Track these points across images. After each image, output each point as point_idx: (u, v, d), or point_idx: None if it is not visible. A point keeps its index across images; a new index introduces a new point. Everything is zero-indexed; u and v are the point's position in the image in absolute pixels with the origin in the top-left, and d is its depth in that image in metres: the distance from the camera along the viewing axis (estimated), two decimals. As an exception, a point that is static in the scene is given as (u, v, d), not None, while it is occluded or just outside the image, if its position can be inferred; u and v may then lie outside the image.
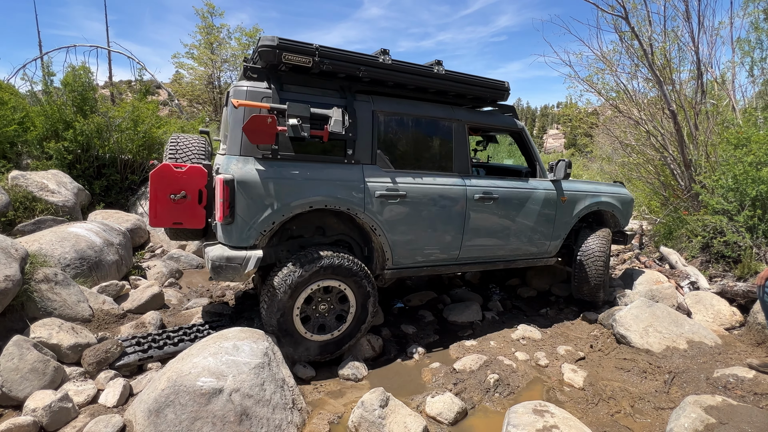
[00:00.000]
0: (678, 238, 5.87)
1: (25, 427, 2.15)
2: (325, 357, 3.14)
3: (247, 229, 2.84)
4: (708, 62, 6.30)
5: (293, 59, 2.88)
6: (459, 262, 3.76)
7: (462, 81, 3.55)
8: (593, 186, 4.55)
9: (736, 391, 2.82)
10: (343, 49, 3.06)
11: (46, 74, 7.59)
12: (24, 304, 3.02)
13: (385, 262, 3.38)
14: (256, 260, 2.82)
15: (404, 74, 3.28)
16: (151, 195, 2.91)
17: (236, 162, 2.82)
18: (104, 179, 6.75)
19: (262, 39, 2.86)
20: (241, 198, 2.78)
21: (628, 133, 7.95)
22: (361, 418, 2.42)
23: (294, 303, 2.96)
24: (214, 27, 16.10)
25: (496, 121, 4.00)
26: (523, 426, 2.24)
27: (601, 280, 4.29)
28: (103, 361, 2.75)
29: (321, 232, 3.34)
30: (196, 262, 5.52)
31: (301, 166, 2.97)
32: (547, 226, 4.09)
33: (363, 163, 3.20)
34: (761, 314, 3.55)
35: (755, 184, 4.52)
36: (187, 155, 3.10)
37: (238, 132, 2.86)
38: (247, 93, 2.89)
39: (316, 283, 3.00)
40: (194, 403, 2.20)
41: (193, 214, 2.98)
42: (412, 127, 3.50)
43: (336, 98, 3.17)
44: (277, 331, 2.95)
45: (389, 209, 3.24)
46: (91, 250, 4.11)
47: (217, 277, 2.80)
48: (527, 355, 3.46)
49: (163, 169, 2.90)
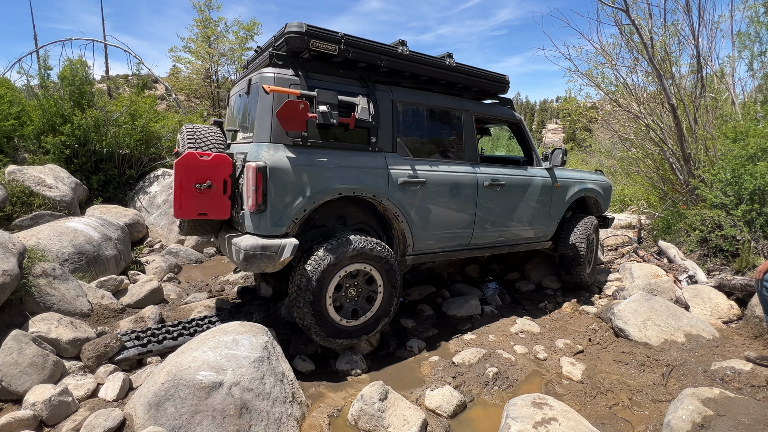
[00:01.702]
0: (676, 232, 5.88)
1: (25, 420, 2.15)
2: (353, 341, 3.15)
3: (280, 216, 2.79)
4: (708, 56, 6.30)
5: (320, 46, 2.88)
6: (470, 247, 3.89)
7: (470, 73, 3.73)
8: (580, 174, 4.85)
9: (733, 383, 2.84)
10: (366, 39, 3.12)
11: (43, 68, 7.53)
12: (22, 298, 3.02)
13: (406, 249, 3.44)
14: (292, 248, 2.75)
15: (420, 65, 3.38)
16: (176, 185, 2.75)
17: (267, 149, 2.77)
18: (102, 174, 6.72)
19: (289, 25, 2.86)
20: (274, 185, 2.73)
21: (627, 127, 7.94)
22: (361, 411, 2.43)
23: (326, 290, 2.94)
24: (211, 20, 15.94)
25: (498, 113, 4.18)
26: (522, 418, 2.25)
27: (584, 261, 4.55)
28: (103, 355, 2.75)
29: (342, 221, 3.35)
30: (194, 257, 5.52)
31: (329, 154, 2.97)
32: (545, 211, 4.33)
33: (385, 151, 3.25)
34: (759, 307, 3.57)
35: (753, 178, 4.53)
36: (207, 145, 2.98)
37: (267, 118, 2.83)
38: (275, 79, 2.86)
39: (345, 269, 2.99)
40: (194, 396, 2.20)
41: (219, 204, 2.85)
42: (427, 117, 3.61)
43: (358, 87, 3.19)
44: (310, 319, 2.90)
45: (411, 196, 3.30)
46: (89, 245, 4.10)
47: (249, 267, 2.73)
48: (526, 349, 3.47)
49: (189, 158, 2.74)
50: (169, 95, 13.21)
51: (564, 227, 4.67)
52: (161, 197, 6.50)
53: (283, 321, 3.79)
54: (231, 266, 5.37)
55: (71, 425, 2.22)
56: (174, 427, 2.12)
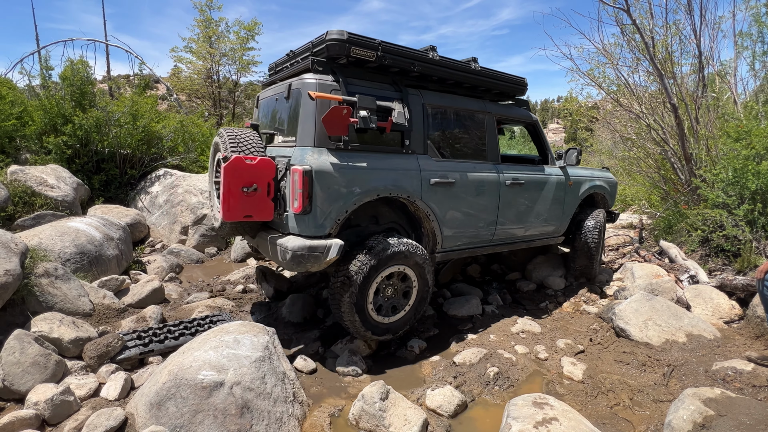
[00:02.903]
0: (678, 232, 5.87)
1: (27, 420, 2.16)
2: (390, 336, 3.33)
3: (324, 218, 2.89)
4: (709, 55, 6.28)
5: (359, 53, 2.98)
6: (492, 243, 4.04)
7: (494, 77, 3.89)
8: (590, 171, 5.01)
9: (734, 383, 2.84)
10: (399, 45, 3.23)
11: (44, 68, 7.55)
12: (25, 298, 3.03)
13: (435, 246, 3.57)
14: (338, 248, 2.85)
15: (448, 69, 3.52)
16: (224, 188, 2.83)
17: (311, 153, 2.86)
18: (103, 174, 6.74)
19: (331, 33, 2.96)
20: (319, 188, 2.83)
21: (628, 126, 7.92)
22: (362, 411, 2.43)
23: (368, 291, 3.08)
24: (212, 20, 15.95)
25: (516, 114, 4.32)
26: (522, 418, 2.25)
27: (596, 254, 4.75)
28: (104, 354, 2.76)
29: (375, 220, 3.47)
30: (196, 256, 5.53)
31: (367, 157, 3.08)
32: (559, 208, 4.51)
33: (417, 153, 3.36)
34: (760, 307, 3.56)
35: (755, 178, 4.52)
36: (248, 148, 3.03)
37: (311, 123, 2.91)
38: (318, 85, 2.94)
39: (385, 271, 3.12)
40: (195, 396, 2.21)
41: (263, 206, 2.96)
42: (454, 119, 3.74)
43: (392, 91, 3.29)
44: (351, 317, 3.04)
45: (441, 196, 3.42)
46: (91, 245, 4.11)
47: (295, 267, 2.83)
48: (527, 349, 3.47)
49: (237, 162, 2.83)
50: (170, 95, 13.23)
51: (577, 221, 4.83)
52: (162, 197, 6.51)
53: (284, 321, 3.80)
54: (232, 266, 5.38)
55: (73, 424, 2.23)
56: (175, 427, 2.13)
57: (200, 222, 6.00)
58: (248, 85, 18.58)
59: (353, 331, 3.15)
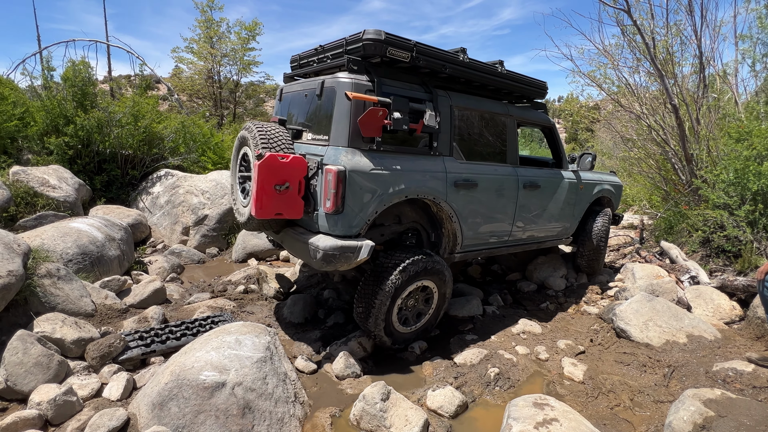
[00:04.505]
0: (678, 233, 5.87)
1: (30, 420, 2.17)
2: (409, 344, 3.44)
3: (355, 218, 2.90)
4: (710, 56, 6.27)
5: (395, 53, 2.97)
6: (508, 244, 4.12)
7: (518, 80, 3.93)
8: (599, 176, 5.10)
9: (735, 384, 2.84)
10: (432, 46, 3.20)
11: (46, 69, 7.56)
12: (27, 299, 3.04)
13: (455, 247, 3.62)
14: (369, 249, 2.88)
15: (477, 72, 3.53)
16: (258, 186, 2.81)
17: (345, 154, 2.87)
18: (105, 174, 6.75)
19: (368, 32, 2.95)
20: (351, 189, 2.83)
21: (629, 127, 7.92)
22: (363, 412, 2.44)
23: (395, 303, 3.17)
24: (213, 21, 15.96)
25: (535, 117, 4.35)
26: (523, 419, 2.26)
27: (603, 252, 4.99)
28: (107, 355, 2.77)
29: (397, 219, 3.50)
30: (197, 257, 5.54)
31: (398, 158, 3.10)
32: (571, 210, 4.63)
33: (443, 155, 3.38)
34: (761, 308, 3.56)
35: (756, 178, 4.52)
36: (279, 145, 3.02)
37: (345, 123, 2.91)
38: (354, 85, 2.92)
39: (411, 286, 3.20)
40: (197, 396, 2.22)
41: (294, 204, 2.95)
42: (478, 121, 3.77)
43: (422, 92, 3.28)
44: (378, 330, 3.14)
45: (463, 197, 3.47)
46: (92, 246, 4.13)
47: (325, 265, 2.83)
48: (527, 349, 3.47)
49: (271, 160, 2.80)
50: (171, 96, 13.24)
51: (586, 221, 4.95)
52: (164, 197, 6.53)
53: (286, 321, 3.81)
54: (233, 266, 5.39)
55: (76, 425, 2.24)
56: (177, 427, 2.14)
57: (201, 222, 6.01)
58: (249, 85, 18.60)
59: (375, 336, 3.21)
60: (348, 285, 4.31)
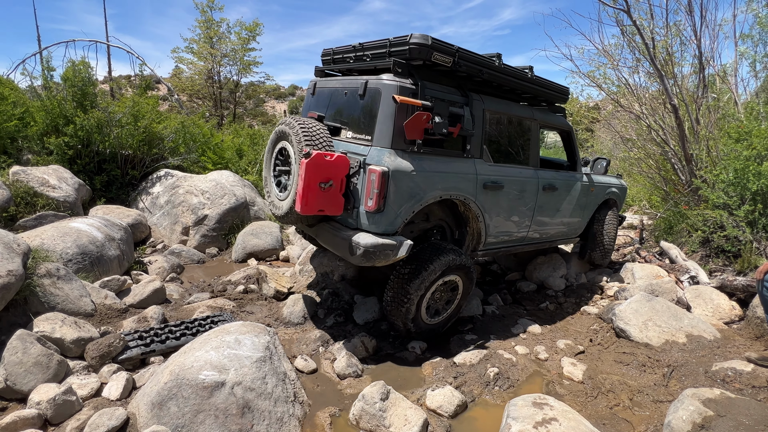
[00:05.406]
0: (678, 233, 5.87)
1: (29, 419, 2.18)
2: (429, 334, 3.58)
3: (395, 217, 3.00)
4: (710, 56, 6.27)
5: (438, 58, 3.03)
6: (524, 243, 4.26)
7: (545, 86, 4.05)
8: (608, 179, 5.25)
9: (734, 384, 2.84)
10: (471, 51, 3.27)
11: (46, 69, 7.56)
12: (27, 298, 3.04)
13: (478, 245, 3.78)
14: (408, 247, 2.99)
15: (509, 77, 3.62)
16: (304, 183, 2.86)
17: (389, 155, 2.96)
18: (105, 174, 6.75)
19: (415, 36, 3.00)
20: (393, 189, 2.93)
21: (629, 127, 7.93)
22: (362, 411, 2.44)
23: (426, 295, 3.32)
24: (213, 21, 15.96)
25: (555, 121, 4.48)
26: (522, 418, 2.26)
27: (611, 247, 5.27)
28: (106, 355, 2.77)
29: (425, 217, 3.62)
30: (197, 257, 5.54)
31: (435, 160, 3.18)
32: (581, 211, 4.80)
33: (474, 157, 3.47)
34: (760, 308, 3.56)
35: (756, 178, 4.52)
36: (321, 143, 3.08)
37: (389, 125, 2.97)
38: (400, 89, 2.97)
39: (441, 281, 3.34)
40: (197, 396, 2.22)
41: (336, 202, 3.03)
42: (506, 125, 3.91)
43: (458, 96, 3.34)
44: (408, 322, 3.30)
45: (490, 198, 3.59)
46: (92, 245, 4.13)
47: (364, 261, 2.92)
48: (527, 349, 3.47)
49: (318, 159, 2.87)
50: (171, 96, 13.25)
51: (595, 219, 5.14)
52: (164, 197, 6.53)
53: (285, 321, 3.81)
54: (233, 266, 5.39)
55: (75, 424, 2.24)
56: (177, 426, 2.14)
57: (201, 222, 6.01)
58: (249, 85, 18.60)
59: (400, 325, 3.37)
60: (348, 285, 4.31)
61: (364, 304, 3.94)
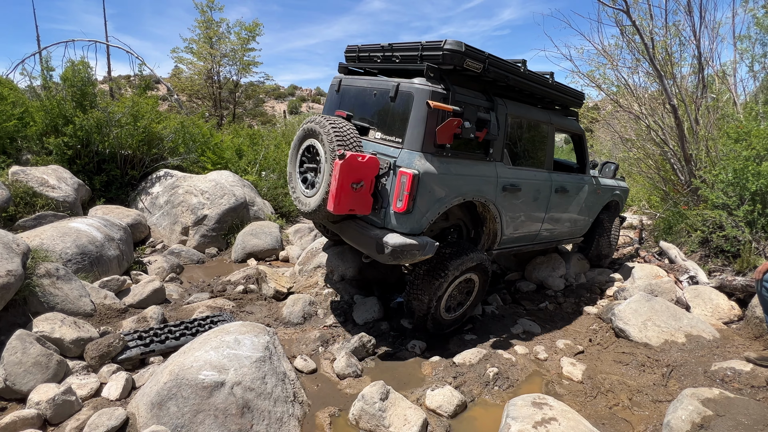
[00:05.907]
0: (677, 233, 5.88)
1: (29, 419, 2.17)
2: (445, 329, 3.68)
3: (422, 218, 3.09)
4: (709, 56, 6.28)
5: (470, 64, 3.08)
6: (534, 242, 4.38)
7: (564, 91, 4.16)
8: (612, 181, 5.34)
9: (733, 384, 2.85)
10: (499, 58, 3.32)
11: (45, 69, 7.55)
12: (26, 298, 3.04)
13: (493, 244, 3.89)
14: (434, 247, 3.10)
15: (533, 84, 3.70)
16: (338, 184, 2.92)
17: (419, 158, 3.02)
18: (104, 174, 6.74)
19: (449, 43, 3.02)
20: (422, 191, 3.00)
21: (628, 127, 7.93)
22: (362, 411, 2.44)
23: (446, 292, 3.44)
24: (213, 21, 15.95)
25: (570, 125, 4.57)
26: (522, 418, 2.26)
27: (612, 247, 5.44)
28: (106, 355, 2.77)
29: (445, 217, 3.70)
30: (196, 257, 5.54)
31: (460, 163, 3.26)
32: (587, 212, 4.93)
33: (496, 161, 3.55)
34: (759, 308, 3.57)
35: (755, 179, 4.52)
36: (351, 143, 3.12)
37: (420, 129, 3.02)
38: (432, 94, 3.02)
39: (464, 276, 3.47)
40: (196, 396, 2.22)
41: (365, 202, 3.09)
42: (525, 129, 3.97)
43: (484, 101, 3.40)
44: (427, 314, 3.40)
45: (508, 200, 3.68)
46: (92, 245, 4.12)
47: (391, 259, 2.98)
48: (526, 349, 3.48)
49: (352, 160, 2.93)
50: (170, 96, 13.24)
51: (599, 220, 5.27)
52: (163, 198, 6.52)
53: (285, 321, 3.81)
54: (232, 266, 5.39)
55: (75, 424, 2.24)
56: (176, 426, 2.14)
57: (201, 222, 6.01)
58: (249, 85, 18.59)
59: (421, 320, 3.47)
60: (347, 285, 4.31)
61: (364, 304, 3.95)
